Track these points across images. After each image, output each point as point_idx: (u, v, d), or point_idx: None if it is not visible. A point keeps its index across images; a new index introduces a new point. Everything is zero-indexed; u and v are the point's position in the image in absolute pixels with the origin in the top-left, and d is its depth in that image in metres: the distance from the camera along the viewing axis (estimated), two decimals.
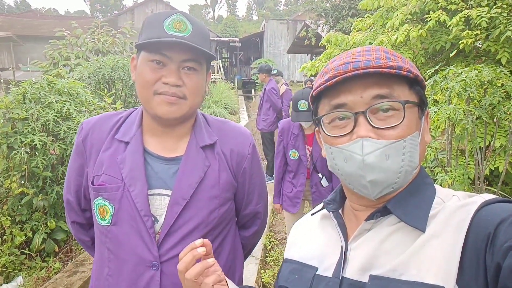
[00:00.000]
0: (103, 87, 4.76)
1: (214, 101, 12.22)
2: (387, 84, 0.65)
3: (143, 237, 1.04)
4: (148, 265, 1.04)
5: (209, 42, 1.08)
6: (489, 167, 2.57)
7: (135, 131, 1.11)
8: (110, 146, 1.10)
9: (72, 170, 1.18)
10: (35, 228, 2.94)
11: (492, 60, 2.99)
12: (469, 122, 2.16)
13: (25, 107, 2.87)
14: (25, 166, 2.89)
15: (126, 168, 1.06)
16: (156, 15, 1.02)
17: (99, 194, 1.07)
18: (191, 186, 1.07)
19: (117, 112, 1.20)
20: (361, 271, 0.66)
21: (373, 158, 0.63)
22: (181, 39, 0.97)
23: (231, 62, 29.30)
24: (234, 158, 1.16)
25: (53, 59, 6.35)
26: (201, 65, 1.04)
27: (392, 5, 3.85)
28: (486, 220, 0.57)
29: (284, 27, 26.92)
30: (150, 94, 1.01)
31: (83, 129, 1.15)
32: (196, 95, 1.05)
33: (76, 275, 2.66)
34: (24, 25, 21.26)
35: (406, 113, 0.64)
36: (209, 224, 1.09)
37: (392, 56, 0.68)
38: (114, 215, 1.06)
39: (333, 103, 0.69)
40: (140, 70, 1.03)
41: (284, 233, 4.22)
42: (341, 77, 0.65)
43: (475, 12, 2.72)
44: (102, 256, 1.12)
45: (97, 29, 6.88)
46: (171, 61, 1.00)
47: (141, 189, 1.04)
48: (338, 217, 0.76)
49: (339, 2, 10.99)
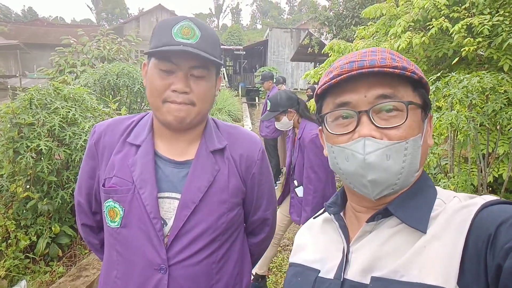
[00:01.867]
0: (108, 93, 4.80)
1: (218, 109, 12.28)
2: (391, 84, 0.66)
3: (152, 240, 1.04)
4: (156, 268, 1.04)
5: (219, 48, 1.08)
6: (493, 174, 2.57)
7: (147, 135, 1.12)
8: (121, 149, 1.12)
9: (84, 173, 1.19)
10: (40, 233, 2.95)
11: (495, 68, 3.00)
12: (471, 128, 2.16)
13: (31, 113, 2.90)
14: (31, 171, 2.91)
15: (137, 171, 1.07)
16: (165, 22, 1.03)
17: (110, 196, 1.08)
18: (200, 189, 1.07)
19: (129, 116, 1.22)
20: (362, 273, 0.66)
21: (374, 158, 0.64)
22: (188, 46, 0.98)
23: (235, 70, 29.48)
24: (244, 163, 1.16)
25: (59, 66, 6.44)
26: (210, 71, 1.05)
27: (394, 13, 3.88)
28: (487, 221, 0.57)
29: (288, 35, 27.08)
30: (159, 101, 1.03)
31: (95, 132, 1.16)
32: (204, 101, 1.06)
33: (79, 279, 2.67)
34: (31, 33, 21.54)
35: (409, 114, 0.65)
36: (218, 229, 1.09)
37: (398, 58, 0.68)
38: (124, 217, 1.07)
39: (337, 101, 0.69)
40: (150, 78, 1.05)
41: (287, 239, 4.21)
42: (346, 75, 0.66)
43: (477, 20, 2.74)
44: (110, 258, 1.12)
45: (103, 37, 6.97)
46: (179, 68, 1.01)
47: (151, 191, 1.05)
48: (339, 219, 0.77)
49: (342, 11, 11.06)
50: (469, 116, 2.21)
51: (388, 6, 3.90)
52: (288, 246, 4.06)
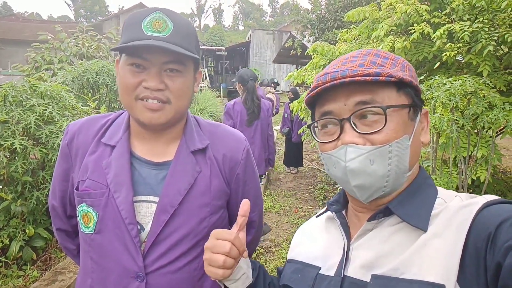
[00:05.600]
0: (87, 91, 4.68)
1: (200, 109, 12.19)
2: (370, 89, 0.66)
3: (128, 247, 0.98)
4: (132, 276, 0.98)
5: (195, 40, 1.01)
6: (471, 177, 2.63)
7: (122, 135, 1.05)
8: (95, 150, 1.05)
9: (57, 175, 1.12)
10: (13, 235, 2.83)
11: (473, 72, 3.08)
12: (453, 131, 2.20)
13: (6, 110, 2.79)
14: (4, 171, 2.79)
15: (111, 173, 1.01)
16: (135, 14, 0.95)
17: (83, 200, 1.02)
18: (180, 192, 1.01)
19: (104, 114, 1.15)
20: (363, 270, 0.67)
21: (356, 164, 0.65)
22: (159, 40, 0.90)
23: (217, 71, 29.39)
24: (227, 164, 1.10)
25: (35, 62, 6.21)
26: (185, 66, 0.98)
27: (377, 17, 3.93)
28: (488, 220, 0.57)
29: (270, 37, 27.22)
30: (131, 99, 0.95)
31: (68, 132, 1.09)
32: (181, 98, 0.99)
33: (55, 283, 2.57)
34: (5, 28, 20.83)
35: (389, 117, 0.65)
36: (199, 233, 1.03)
37: (381, 60, 0.69)
38: (98, 222, 1.00)
39: (321, 111, 0.72)
40: (121, 75, 0.97)
41: (269, 241, 4.19)
42: (320, 88, 0.68)
43: (458, 26, 2.80)
44: (85, 266, 1.06)
45: (82, 34, 6.79)
46: (151, 64, 0.93)
47: (126, 195, 0.98)
48: (341, 217, 0.78)
49: (325, 14, 11.19)
50: (451, 118, 2.25)
51: (370, 9, 3.95)
52: (270, 248, 4.04)
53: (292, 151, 7.08)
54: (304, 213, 5.07)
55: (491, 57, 2.89)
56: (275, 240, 4.22)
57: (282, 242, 4.15)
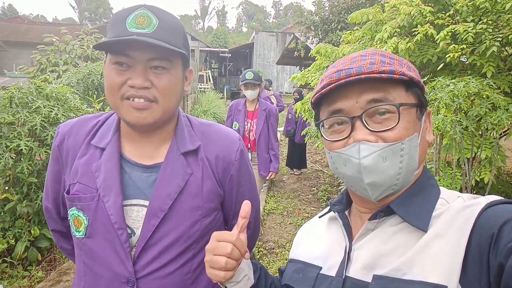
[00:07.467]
0: (92, 93, 4.71)
1: (203, 111, 12.23)
2: (382, 88, 0.66)
3: (118, 252, 0.97)
4: (123, 281, 0.96)
5: (182, 36, 0.97)
6: (475, 178, 2.62)
7: (112, 137, 1.02)
8: (86, 152, 1.03)
9: (49, 177, 1.11)
10: (18, 236, 2.86)
11: (477, 74, 3.07)
12: (457, 132, 2.20)
13: (12, 112, 2.81)
14: (10, 172, 2.82)
15: (100, 176, 0.98)
16: (120, 12, 0.92)
17: (73, 204, 1.00)
18: (170, 196, 0.98)
19: (96, 114, 1.12)
20: (364, 271, 0.66)
21: (370, 161, 0.64)
22: (143, 36, 0.87)
23: (221, 73, 29.45)
24: (220, 165, 1.07)
25: (40, 64, 6.26)
26: (172, 62, 0.94)
27: (380, 18, 3.93)
28: (491, 221, 0.57)
29: (273, 39, 27.23)
30: (117, 99, 0.92)
31: (59, 134, 1.07)
32: (169, 96, 0.95)
33: (59, 284, 2.59)
34: (10, 30, 20.97)
35: (401, 115, 0.65)
36: (191, 237, 1.01)
37: (388, 59, 0.69)
38: (88, 227, 0.98)
39: (331, 109, 0.70)
40: (106, 74, 0.94)
41: (273, 242, 4.19)
42: (334, 84, 0.67)
43: (462, 27, 2.80)
44: (79, 269, 1.06)
45: (87, 36, 6.83)
46: (135, 61, 0.90)
47: (115, 199, 0.96)
48: (343, 217, 0.78)
49: (328, 16, 11.19)
50: (455, 120, 2.24)
51: (374, 11, 3.95)
52: (273, 249, 4.05)
53: (295, 153, 7.07)
54: (308, 215, 5.06)
55: (495, 58, 2.88)
56: (278, 242, 4.22)
57: (286, 244, 4.15)
